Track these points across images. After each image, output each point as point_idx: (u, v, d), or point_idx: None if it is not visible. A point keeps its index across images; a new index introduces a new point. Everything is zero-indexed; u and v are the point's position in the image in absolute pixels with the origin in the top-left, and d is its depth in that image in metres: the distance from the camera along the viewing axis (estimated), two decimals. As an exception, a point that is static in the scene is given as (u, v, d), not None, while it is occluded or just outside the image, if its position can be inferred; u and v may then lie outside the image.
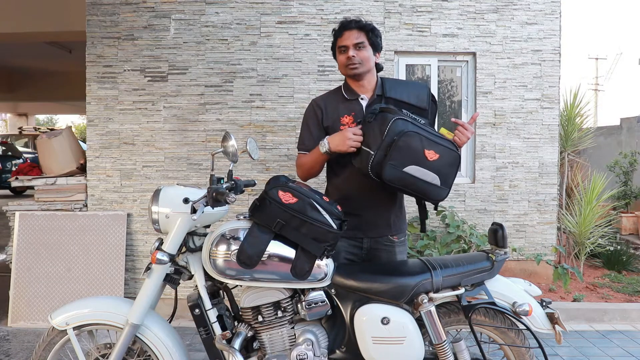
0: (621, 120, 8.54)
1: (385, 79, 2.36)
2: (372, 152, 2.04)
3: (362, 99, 2.30)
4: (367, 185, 2.17)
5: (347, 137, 2.11)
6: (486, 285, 2.05)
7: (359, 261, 2.30)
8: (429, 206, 2.31)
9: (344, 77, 2.38)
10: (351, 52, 2.23)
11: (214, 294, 2.06)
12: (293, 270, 1.94)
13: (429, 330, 1.98)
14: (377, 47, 2.31)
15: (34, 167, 4.32)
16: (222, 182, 2.02)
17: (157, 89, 4.09)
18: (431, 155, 2.04)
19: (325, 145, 2.17)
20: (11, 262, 3.89)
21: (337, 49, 2.30)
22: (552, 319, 2.03)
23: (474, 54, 4.25)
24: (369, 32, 2.26)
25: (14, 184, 4.17)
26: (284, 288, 1.99)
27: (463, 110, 4.32)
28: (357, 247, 2.30)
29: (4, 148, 13.70)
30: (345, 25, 2.27)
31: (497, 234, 2.09)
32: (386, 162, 2.01)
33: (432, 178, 2.05)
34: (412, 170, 2.02)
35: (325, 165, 2.35)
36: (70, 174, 4.19)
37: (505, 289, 2.07)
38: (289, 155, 4.09)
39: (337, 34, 2.29)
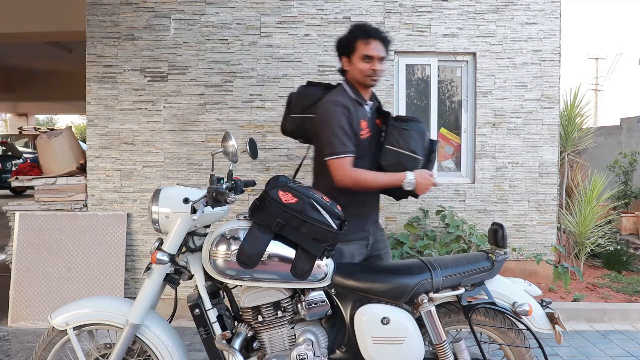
0: (621, 120, 8.54)
1: None
2: (420, 157, 2.22)
3: (367, 104, 2.34)
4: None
5: (431, 182, 2.21)
6: (486, 285, 2.05)
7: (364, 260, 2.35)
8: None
9: (341, 77, 2.38)
10: (378, 66, 2.25)
11: (214, 294, 2.06)
12: (293, 270, 1.94)
13: (429, 330, 1.98)
14: None
15: (34, 167, 4.32)
16: (222, 182, 2.02)
17: (157, 89, 4.09)
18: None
19: (411, 184, 2.17)
20: (11, 262, 3.89)
21: (360, 54, 2.22)
22: (552, 319, 2.04)
23: (474, 54, 4.25)
24: (387, 46, 2.30)
25: (14, 184, 4.17)
26: (284, 288, 1.99)
27: (463, 110, 4.32)
28: (365, 247, 2.34)
29: (4, 148, 13.70)
30: (374, 35, 2.23)
31: (497, 234, 2.09)
32: (430, 167, 2.30)
33: None
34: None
35: (320, 169, 2.29)
36: (70, 174, 4.19)
37: (505, 289, 2.08)
38: (289, 155, 4.09)
39: (362, 38, 2.22)
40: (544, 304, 2.06)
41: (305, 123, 2.41)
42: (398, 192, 2.31)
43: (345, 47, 2.28)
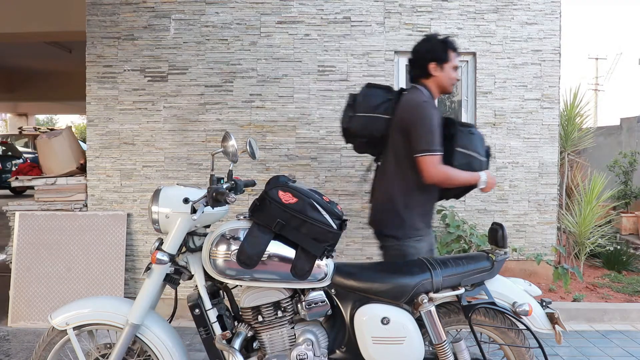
0: (621, 120, 8.54)
1: None
2: (484, 159, 2.42)
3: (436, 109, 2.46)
4: None
5: (494, 182, 2.44)
6: (486, 285, 2.05)
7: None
8: None
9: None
10: (459, 75, 2.47)
11: (214, 294, 2.06)
12: (293, 270, 1.94)
13: (429, 330, 1.98)
14: None
15: (34, 167, 4.32)
16: (222, 182, 2.02)
17: (157, 89, 4.09)
18: None
19: (485, 182, 2.37)
20: (11, 262, 3.89)
21: (452, 64, 2.43)
22: (552, 319, 2.04)
23: (474, 54, 4.25)
24: None
25: (14, 184, 4.17)
26: (284, 288, 1.99)
27: (463, 110, 4.32)
28: (429, 242, 2.45)
29: (4, 148, 13.70)
30: (457, 49, 2.48)
31: (497, 234, 2.10)
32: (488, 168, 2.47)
33: None
34: None
35: (401, 165, 2.39)
36: (70, 174, 4.19)
37: (505, 289, 2.08)
38: (289, 155, 4.09)
39: (454, 51, 2.45)
40: (544, 304, 2.06)
41: (373, 123, 2.48)
42: (448, 193, 2.50)
43: (439, 55, 2.42)
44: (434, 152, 2.26)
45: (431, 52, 2.43)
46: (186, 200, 1.97)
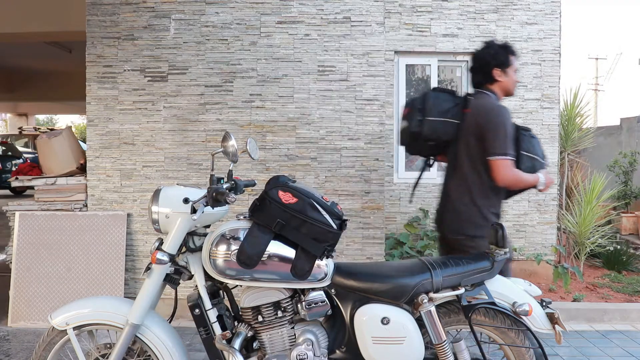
0: (621, 120, 8.55)
1: None
2: (544, 161, 2.51)
3: None
4: None
5: (552, 181, 2.52)
6: (486, 285, 2.05)
7: None
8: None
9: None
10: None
11: (214, 294, 2.07)
12: (293, 270, 1.94)
13: (429, 330, 1.98)
14: None
15: (34, 167, 4.32)
16: (222, 182, 2.02)
17: (157, 89, 4.09)
18: None
19: (543, 184, 2.44)
20: (11, 262, 3.89)
21: (514, 68, 2.56)
22: (552, 319, 2.04)
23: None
24: None
25: (14, 184, 4.17)
26: (284, 288, 1.99)
27: (463, 110, 4.32)
28: None
29: (4, 148, 13.71)
30: (516, 53, 2.61)
31: (497, 234, 2.10)
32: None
33: None
34: None
35: (473, 167, 2.48)
36: (70, 174, 4.19)
37: (505, 289, 2.08)
38: (289, 155, 4.09)
39: (514, 55, 2.57)
40: (544, 304, 2.06)
41: (443, 127, 2.55)
42: (510, 194, 2.61)
43: (503, 60, 2.54)
44: (509, 155, 2.37)
45: (494, 59, 2.55)
46: (186, 200, 1.97)
